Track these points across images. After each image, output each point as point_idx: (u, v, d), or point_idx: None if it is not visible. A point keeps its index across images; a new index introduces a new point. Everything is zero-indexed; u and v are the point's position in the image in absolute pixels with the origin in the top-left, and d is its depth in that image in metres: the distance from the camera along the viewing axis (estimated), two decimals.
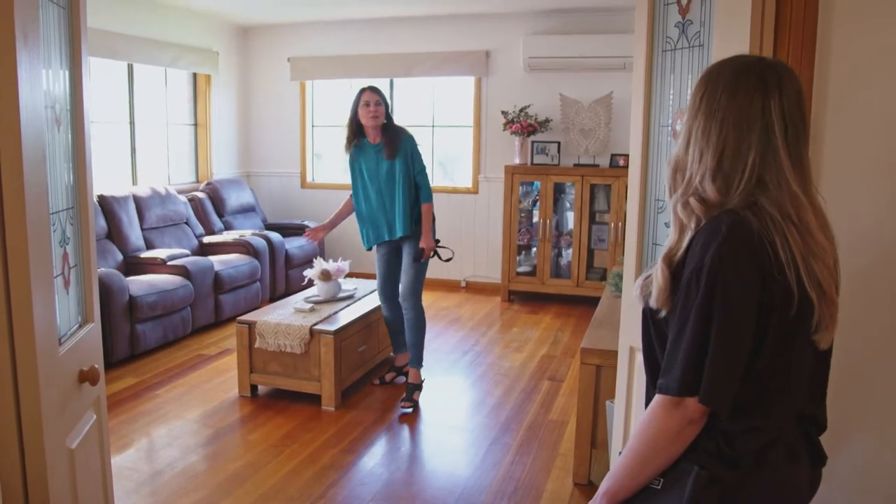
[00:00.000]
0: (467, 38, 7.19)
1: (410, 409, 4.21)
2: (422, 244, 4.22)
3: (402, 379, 4.64)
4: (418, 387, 4.38)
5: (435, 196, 4.42)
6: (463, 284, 7.58)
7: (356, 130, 4.25)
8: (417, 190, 4.25)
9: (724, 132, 1.31)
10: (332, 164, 8.08)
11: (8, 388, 1.49)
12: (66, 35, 1.79)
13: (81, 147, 1.87)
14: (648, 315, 1.44)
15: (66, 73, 1.80)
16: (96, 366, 1.83)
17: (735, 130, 1.30)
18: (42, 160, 1.54)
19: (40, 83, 1.55)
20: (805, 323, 1.30)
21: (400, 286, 4.42)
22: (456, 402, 4.52)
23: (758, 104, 1.29)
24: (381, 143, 4.22)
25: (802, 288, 1.26)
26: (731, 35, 1.89)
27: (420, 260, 4.25)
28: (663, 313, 1.36)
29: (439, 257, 4.38)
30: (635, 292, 1.45)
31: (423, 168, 4.25)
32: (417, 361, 4.41)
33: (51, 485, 1.57)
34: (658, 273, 1.35)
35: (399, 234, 4.24)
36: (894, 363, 2.03)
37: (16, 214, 1.45)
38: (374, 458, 3.64)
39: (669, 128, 2.13)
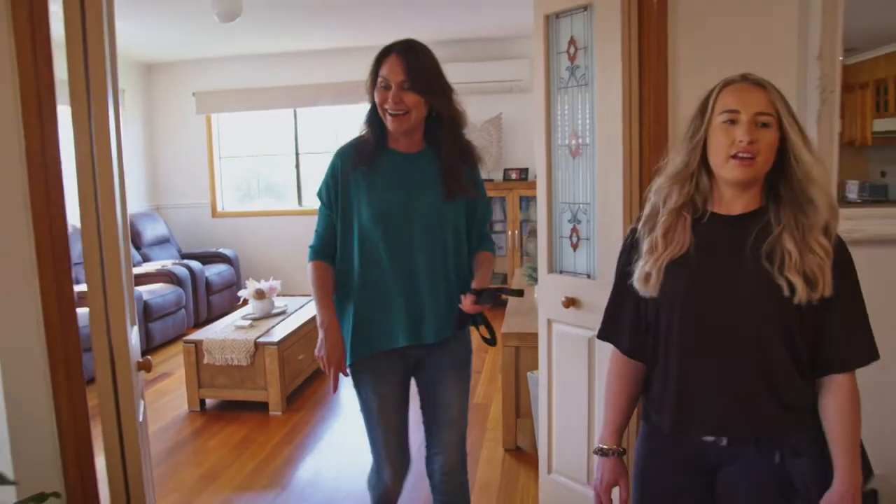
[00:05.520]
0: (368, 69, 7.68)
1: None
2: (476, 284, 2.20)
3: None
4: None
5: None
6: None
7: (379, 131, 2.21)
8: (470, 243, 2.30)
9: None
10: (238, 194, 8.42)
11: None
12: None
13: None
14: (802, 309, 1.48)
15: None
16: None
17: None
18: None
19: None
20: None
21: (441, 449, 2.38)
22: None
23: None
24: (424, 153, 2.22)
25: None
26: (608, 76, 2.53)
27: (479, 301, 2.16)
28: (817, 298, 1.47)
29: (493, 298, 2.20)
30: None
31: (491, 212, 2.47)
32: None
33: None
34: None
35: (438, 335, 2.25)
36: None
37: None
38: (324, 452, 4.09)
39: (567, 147, 2.76)
